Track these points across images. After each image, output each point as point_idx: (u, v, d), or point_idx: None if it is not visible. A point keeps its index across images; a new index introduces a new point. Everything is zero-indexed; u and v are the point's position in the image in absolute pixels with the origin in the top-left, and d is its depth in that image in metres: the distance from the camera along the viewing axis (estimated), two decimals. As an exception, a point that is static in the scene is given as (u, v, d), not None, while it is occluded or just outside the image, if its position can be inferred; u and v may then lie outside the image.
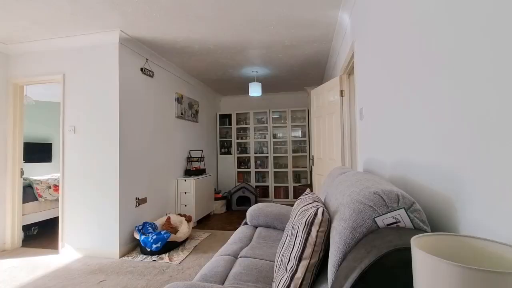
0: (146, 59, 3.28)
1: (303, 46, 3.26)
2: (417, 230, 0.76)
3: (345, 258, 0.81)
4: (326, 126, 3.33)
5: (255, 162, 5.72)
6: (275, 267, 1.22)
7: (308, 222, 0.96)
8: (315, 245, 0.94)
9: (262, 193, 5.65)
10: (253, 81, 4.63)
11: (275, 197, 5.58)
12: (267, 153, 5.66)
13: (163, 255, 2.76)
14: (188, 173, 4.17)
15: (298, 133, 5.64)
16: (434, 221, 0.88)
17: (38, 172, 4.99)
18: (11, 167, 3.08)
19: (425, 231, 0.76)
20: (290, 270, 0.96)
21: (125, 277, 2.33)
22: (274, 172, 5.63)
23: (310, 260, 0.94)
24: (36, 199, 3.44)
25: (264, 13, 2.47)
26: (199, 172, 4.23)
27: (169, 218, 3.27)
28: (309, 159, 5.43)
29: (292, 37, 2.99)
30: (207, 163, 5.20)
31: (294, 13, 2.48)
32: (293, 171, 5.54)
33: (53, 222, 3.83)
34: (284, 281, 0.96)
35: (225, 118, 5.84)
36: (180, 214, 3.51)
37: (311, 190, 4.11)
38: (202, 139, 5.03)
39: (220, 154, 5.80)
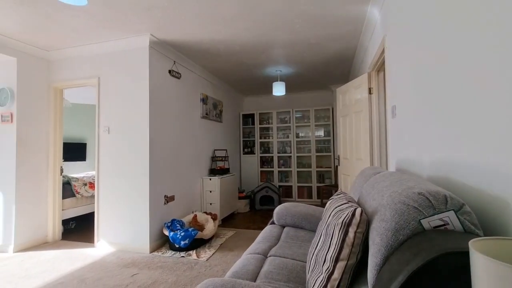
0: (174, 61, 3.38)
1: (329, 43, 3.19)
2: (468, 234, 0.72)
3: (387, 260, 0.78)
4: (353, 125, 3.24)
5: (278, 161, 5.70)
6: (307, 267, 1.21)
7: (345, 223, 0.94)
8: (352, 246, 0.92)
9: (285, 193, 5.62)
10: (277, 81, 4.61)
11: (298, 197, 5.52)
12: (290, 152, 5.62)
13: (190, 252, 2.84)
14: (213, 172, 4.25)
15: (322, 133, 5.54)
16: (485, 225, 0.82)
17: (73, 170, 5.33)
18: (52, 165, 3.32)
19: (477, 235, 0.72)
20: (327, 271, 0.95)
21: (156, 271, 2.43)
22: (298, 172, 5.57)
23: (347, 261, 0.92)
24: (74, 195, 3.68)
25: (289, 12, 2.45)
26: (224, 171, 4.29)
27: (195, 215, 3.36)
28: (334, 159, 5.32)
29: (317, 34, 2.94)
30: (231, 163, 5.27)
31: (321, 11, 2.44)
32: (317, 171, 5.45)
33: (89, 217, 4.07)
34: (320, 282, 0.95)
35: (248, 118, 5.88)
36: (205, 212, 3.58)
37: (337, 190, 4.02)
38: (226, 138, 5.10)
39: (243, 153, 5.85)
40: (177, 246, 2.84)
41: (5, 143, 3.02)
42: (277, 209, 2.15)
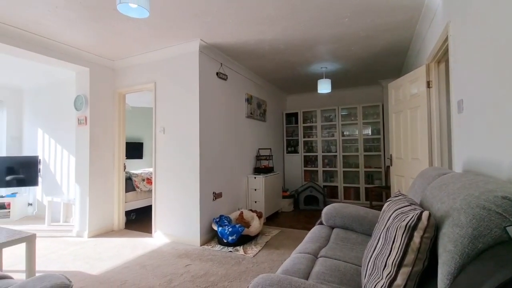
0: (221, 63, 3.52)
1: (380, 35, 3.00)
2: None
3: (462, 269, 0.71)
4: (408, 122, 3.00)
5: (323, 161, 5.55)
6: (363, 271, 1.16)
7: (409, 226, 0.88)
8: (418, 251, 0.85)
9: (330, 193, 5.45)
10: (322, 78, 4.49)
11: (344, 198, 5.30)
12: (336, 151, 5.42)
13: (238, 247, 2.93)
14: (258, 171, 4.32)
15: (370, 131, 5.23)
16: None
17: (132, 167, 5.91)
18: (117, 163, 3.74)
19: None
20: (388, 276, 0.90)
21: (207, 264, 2.56)
22: (344, 171, 5.35)
23: (412, 267, 0.86)
24: (134, 190, 4.08)
25: (337, 5, 2.36)
26: (268, 170, 4.33)
27: (242, 213, 3.45)
28: (385, 158, 4.98)
29: (368, 26, 2.78)
30: (274, 162, 5.29)
31: (373, 0, 2.30)
32: (365, 171, 5.16)
33: (147, 209, 4.48)
34: (380, 287, 0.90)
35: (291, 117, 5.83)
36: (251, 210, 3.66)
37: (391, 193, 3.76)
38: (270, 138, 5.14)
39: (287, 153, 5.83)
40: (225, 241, 2.96)
41: (81, 143, 3.48)
42: (326, 210, 2.10)
